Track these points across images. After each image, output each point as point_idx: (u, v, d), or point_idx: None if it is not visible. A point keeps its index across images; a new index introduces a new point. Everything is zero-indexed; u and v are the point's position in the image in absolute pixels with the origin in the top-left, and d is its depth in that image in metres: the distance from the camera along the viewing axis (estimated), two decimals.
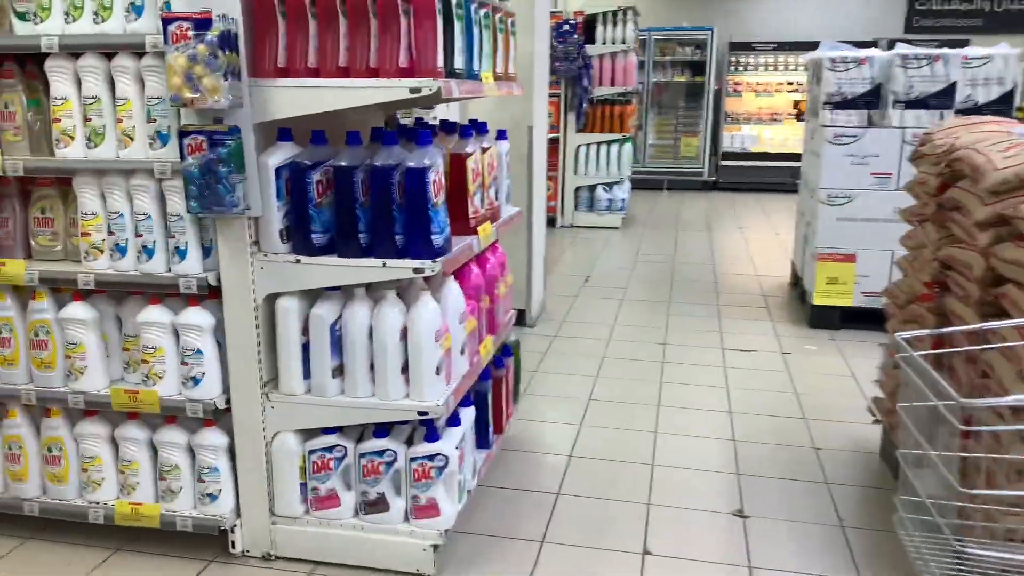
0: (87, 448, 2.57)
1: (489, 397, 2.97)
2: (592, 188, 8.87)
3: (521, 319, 5.15)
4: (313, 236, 2.29)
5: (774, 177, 11.56)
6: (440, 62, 2.19)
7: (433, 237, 2.23)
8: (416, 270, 2.24)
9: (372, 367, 2.38)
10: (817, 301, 5.22)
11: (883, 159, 4.98)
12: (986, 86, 4.83)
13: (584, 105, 8.60)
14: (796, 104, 11.77)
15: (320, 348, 2.37)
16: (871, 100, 5.02)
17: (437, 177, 2.25)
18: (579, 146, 8.73)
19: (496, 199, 2.91)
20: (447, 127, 2.90)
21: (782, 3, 12.07)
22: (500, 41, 2.82)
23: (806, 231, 5.68)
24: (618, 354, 4.74)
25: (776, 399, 4.10)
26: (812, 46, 9.33)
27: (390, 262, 2.26)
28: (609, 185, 8.85)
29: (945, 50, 4.92)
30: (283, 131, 2.33)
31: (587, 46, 8.44)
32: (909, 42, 5.45)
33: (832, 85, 5.04)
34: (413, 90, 2.12)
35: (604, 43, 8.58)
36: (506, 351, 3.25)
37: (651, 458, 3.42)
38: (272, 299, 2.39)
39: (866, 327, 5.14)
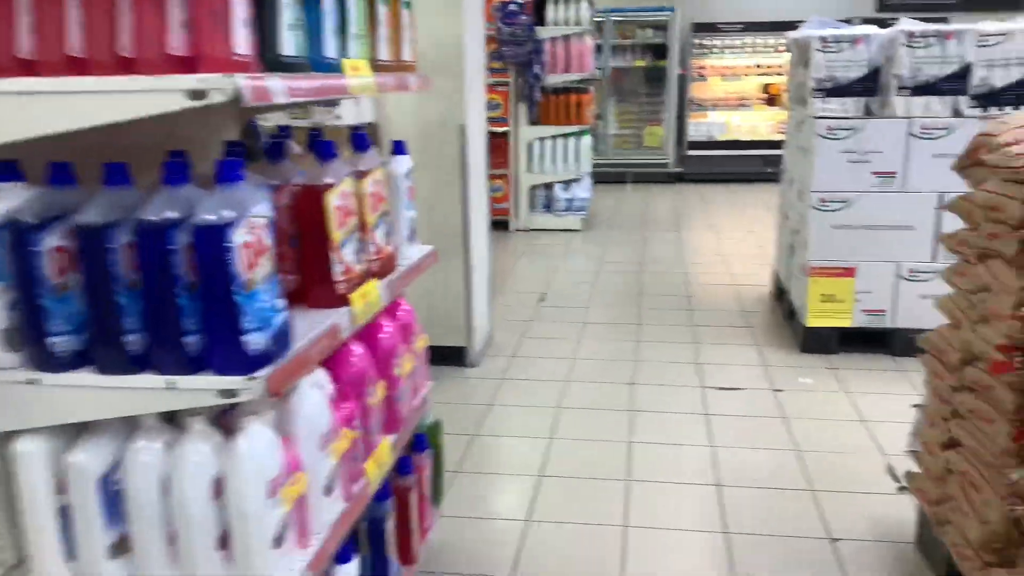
0: None
1: (389, 524, 2.10)
2: (549, 186, 7.97)
3: (460, 358, 4.27)
4: (53, 340, 1.38)
5: (744, 167, 10.80)
6: (243, 45, 1.29)
7: (246, 338, 1.34)
8: (224, 392, 1.35)
9: (174, 539, 1.49)
10: (811, 323, 4.42)
11: (886, 156, 4.17)
12: (1005, 68, 4.05)
13: (537, 94, 7.71)
14: (766, 88, 11.01)
15: (87, 514, 1.46)
16: (869, 86, 4.21)
17: (255, 236, 1.36)
18: (532, 140, 7.84)
19: (388, 242, 2.03)
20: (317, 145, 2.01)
21: None
22: (383, 15, 1.93)
23: (792, 239, 4.86)
24: (578, 402, 3.89)
25: (773, 461, 3.28)
26: (783, 26, 8.52)
27: (181, 380, 1.37)
28: (567, 183, 7.97)
29: (958, 26, 4.12)
30: (6, 166, 1.42)
31: (537, 28, 7.54)
32: (881, 22, 4.66)
33: (823, 69, 4.22)
34: (194, 94, 1.23)
35: (556, 24, 7.68)
36: (418, 443, 2.38)
37: (619, 569, 2.58)
38: (7, 440, 1.48)
39: (868, 350, 4.39)
